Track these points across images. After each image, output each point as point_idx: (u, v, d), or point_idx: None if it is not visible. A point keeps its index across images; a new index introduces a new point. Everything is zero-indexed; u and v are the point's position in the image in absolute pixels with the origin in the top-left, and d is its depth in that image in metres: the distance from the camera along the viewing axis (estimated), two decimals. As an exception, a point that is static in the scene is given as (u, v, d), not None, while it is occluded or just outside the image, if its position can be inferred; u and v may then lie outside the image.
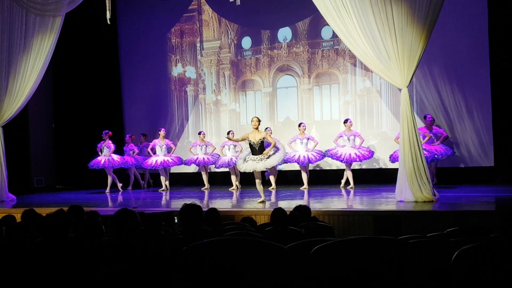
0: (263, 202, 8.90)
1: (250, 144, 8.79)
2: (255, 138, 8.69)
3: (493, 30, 10.67)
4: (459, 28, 10.97)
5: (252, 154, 8.77)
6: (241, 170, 9.09)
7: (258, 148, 8.70)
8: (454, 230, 4.39)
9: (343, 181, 11.24)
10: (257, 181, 8.90)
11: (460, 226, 4.70)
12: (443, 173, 10.90)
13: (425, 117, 10.51)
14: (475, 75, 10.97)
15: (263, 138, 8.73)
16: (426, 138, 10.07)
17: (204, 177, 12.39)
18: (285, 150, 9.35)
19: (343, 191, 10.72)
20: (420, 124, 9.97)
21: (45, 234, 3.60)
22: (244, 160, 8.89)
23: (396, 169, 8.53)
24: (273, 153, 8.81)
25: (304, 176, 11.34)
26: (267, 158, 8.70)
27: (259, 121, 8.86)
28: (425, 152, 9.45)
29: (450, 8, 9.69)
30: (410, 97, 8.19)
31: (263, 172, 9.21)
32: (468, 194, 9.24)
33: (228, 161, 11.69)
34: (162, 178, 12.51)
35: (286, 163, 11.55)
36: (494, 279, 2.62)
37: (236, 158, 11.64)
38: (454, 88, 11.18)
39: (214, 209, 4.84)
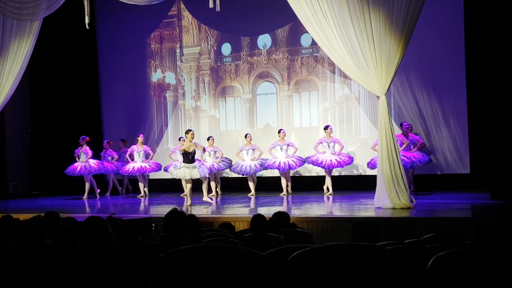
0: (190, 205, 9.78)
1: (185, 153, 9.97)
2: (190, 149, 9.94)
3: (469, 38, 10.80)
4: (436, 36, 11.11)
5: (185, 162, 10.00)
6: (174, 176, 10.31)
7: (191, 158, 9.96)
8: (431, 236, 4.45)
9: (325, 187, 11.26)
10: (188, 186, 10.03)
11: (436, 232, 4.75)
12: (420, 180, 11.01)
13: (401, 125, 10.61)
14: (451, 83, 11.12)
15: (194, 149, 10.05)
16: (404, 145, 10.17)
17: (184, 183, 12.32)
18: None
19: (325, 197, 10.76)
20: (398, 131, 10.09)
21: (21, 240, 3.55)
22: (177, 167, 10.07)
23: (375, 176, 8.60)
24: (200, 165, 10.11)
25: (284, 183, 11.37)
26: (199, 167, 9.97)
27: (194, 134, 10.17)
28: (404, 159, 9.55)
29: (427, 17, 9.80)
30: (388, 104, 8.28)
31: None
32: (444, 201, 9.33)
33: (210, 167, 11.64)
34: (141, 185, 12.43)
35: (267, 169, 11.58)
36: (468, 285, 2.65)
37: (218, 164, 11.70)
38: (431, 96, 11.32)
39: (192, 216, 4.83)
